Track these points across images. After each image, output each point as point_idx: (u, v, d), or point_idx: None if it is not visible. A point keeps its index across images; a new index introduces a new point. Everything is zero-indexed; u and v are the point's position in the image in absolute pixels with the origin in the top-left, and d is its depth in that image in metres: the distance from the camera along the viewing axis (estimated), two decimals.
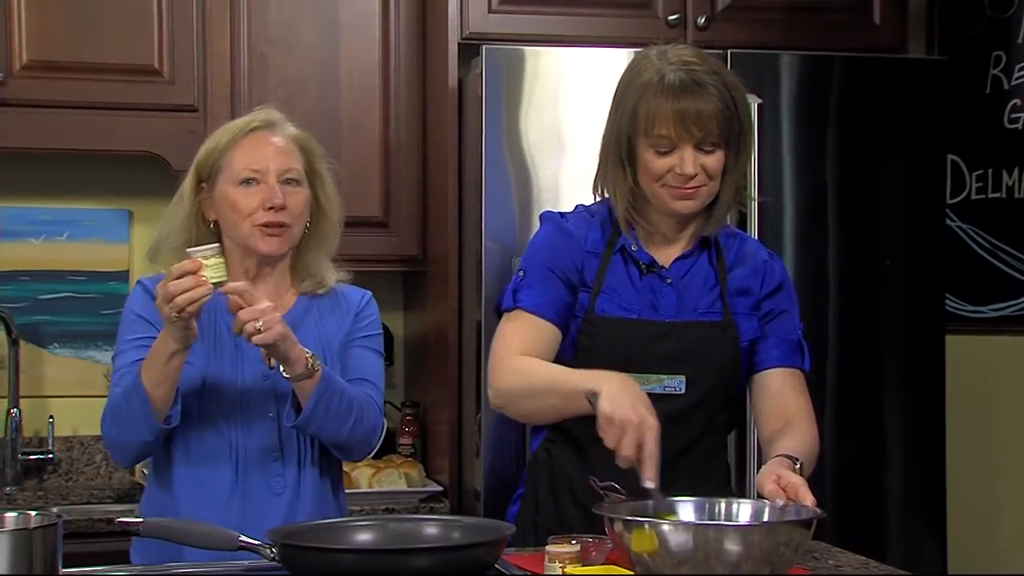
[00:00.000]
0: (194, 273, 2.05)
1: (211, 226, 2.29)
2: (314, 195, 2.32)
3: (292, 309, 2.31)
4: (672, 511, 1.92)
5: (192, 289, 2.04)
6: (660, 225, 2.26)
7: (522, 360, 2.19)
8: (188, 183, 2.30)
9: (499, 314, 2.28)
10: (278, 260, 2.31)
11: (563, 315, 2.23)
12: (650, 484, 1.95)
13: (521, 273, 2.26)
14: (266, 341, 2.08)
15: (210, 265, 2.07)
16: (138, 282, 2.33)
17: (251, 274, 2.29)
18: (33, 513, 1.70)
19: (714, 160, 2.18)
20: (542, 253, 2.27)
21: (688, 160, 2.16)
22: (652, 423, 1.98)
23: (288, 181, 2.26)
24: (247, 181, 2.24)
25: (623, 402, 2.00)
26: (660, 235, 2.27)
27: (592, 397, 2.02)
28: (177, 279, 2.04)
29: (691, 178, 2.17)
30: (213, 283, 2.06)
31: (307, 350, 2.16)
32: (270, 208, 2.23)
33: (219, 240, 2.24)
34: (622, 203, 2.23)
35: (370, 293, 2.42)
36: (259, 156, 2.25)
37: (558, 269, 2.24)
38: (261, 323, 2.07)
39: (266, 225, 2.23)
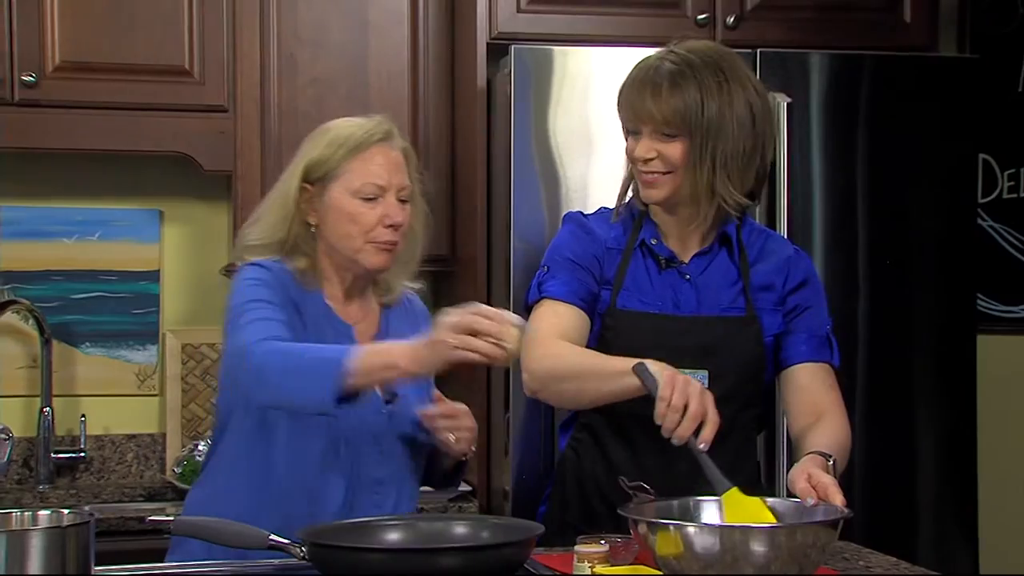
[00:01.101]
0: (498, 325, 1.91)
1: (310, 229, 2.25)
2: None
3: (381, 327, 2.30)
4: (729, 485, 1.91)
5: (491, 343, 1.91)
6: (665, 222, 2.27)
7: (556, 343, 2.19)
8: (293, 183, 2.24)
9: (528, 310, 2.28)
10: (364, 285, 2.29)
11: (588, 301, 2.24)
12: (703, 446, 1.94)
13: (545, 268, 2.28)
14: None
15: (515, 337, 1.91)
16: (254, 264, 2.22)
17: (346, 284, 2.26)
18: (66, 511, 1.71)
19: (672, 149, 2.18)
20: (565, 247, 2.29)
21: (641, 145, 2.20)
22: (708, 393, 1.98)
23: (402, 197, 2.23)
24: (368, 196, 2.21)
25: (676, 372, 2.00)
26: (678, 231, 2.28)
27: (642, 370, 2.00)
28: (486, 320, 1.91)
29: (646, 162, 2.19)
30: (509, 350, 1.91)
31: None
32: (388, 226, 2.20)
33: (313, 243, 2.23)
34: (623, 187, 2.30)
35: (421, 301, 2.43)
36: (381, 171, 2.21)
37: (581, 259, 2.26)
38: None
39: (382, 242, 2.21)
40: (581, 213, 2.35)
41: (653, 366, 2.02)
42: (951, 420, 3.18)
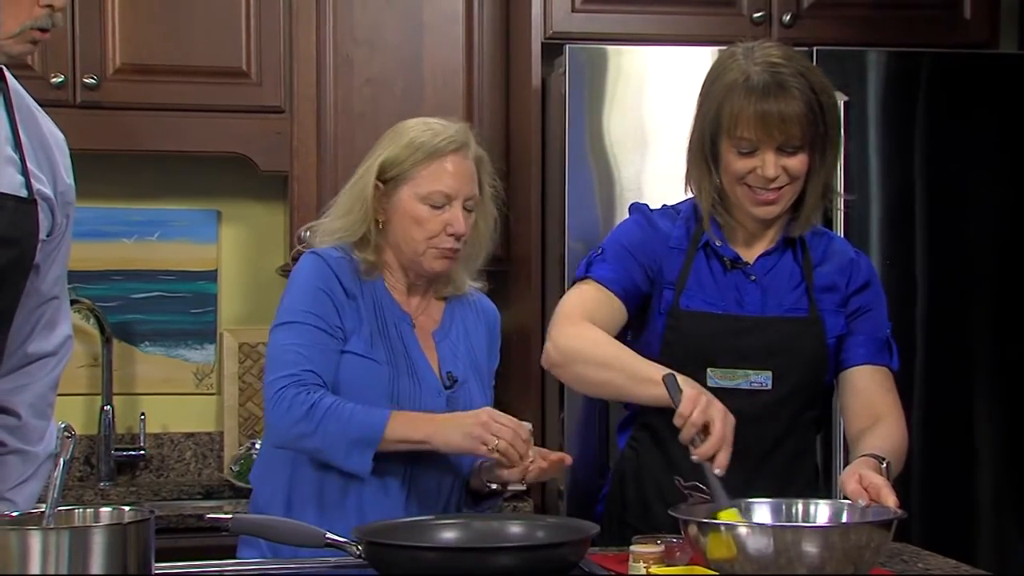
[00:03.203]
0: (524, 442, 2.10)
1: (379, 226, 2.28)
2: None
3: (443, 321, 2.34)
4: (730, 506, 1.90)
5: (517, 458, 2.09)
6: (745, 223, 2.25)
7: (589, 327, 2.19)
8: (368, 179, 2.28)
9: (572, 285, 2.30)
10: (428, 280, 2.32)
11: (631, 295, 2.24)
12: (719, 472, 1.94)
13: (600, 250, 2.28)
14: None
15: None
16: (315, 253, 2.27)
17: (409, 279, 2.31)
18: (127, 509, 1.73)
19: (796, 162, 2.16)
20: (626, 236, 2.28)
21: (769, 163, 2.15)
22: (731, 417, 1.99)
23: (468, 206, 2.26)
24: (436, 203, 2.24)
25: (704, 392, 2.01)
26: (745, 232, 2.26)
27: (670, 381, 2.01)
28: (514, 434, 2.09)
29: (772, 180, 2.16)
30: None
31: None
32: (452, 234, 2.23)
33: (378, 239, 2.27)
34: (707, 201, 2.23)
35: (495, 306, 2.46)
36: (451, 180, 2.24)
37: (638, 253, 2.25)
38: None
39: (444, 249, 2.24)
40: (647, 206, 2.34)
41: (682, 381, 2.02)
42: (1010, 422, 3.14)
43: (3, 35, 1.98)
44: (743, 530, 1.76)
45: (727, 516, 1.86)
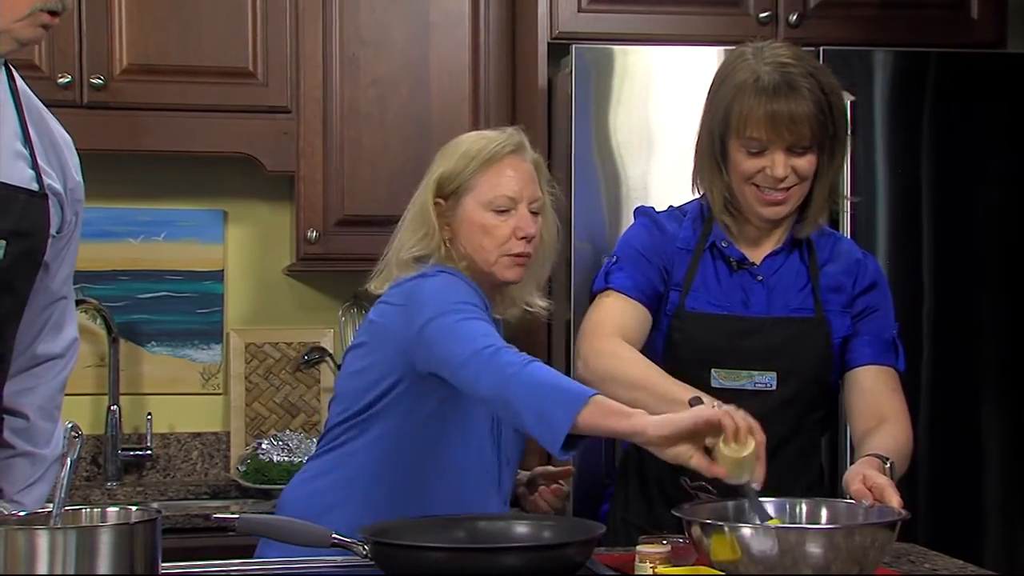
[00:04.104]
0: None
1: (445, 243, 2.22)
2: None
3: None
4: (771, 518, 1.90)
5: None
6: (752, 223, 2.25)
7: (620, 344, 2.17)
8: (427, 197, 2.23)
9: (591, 299, 2.28)
10: (510, 286, 2.27)
11: (652, 299, 2.23)
12: (756, 486, 1.91)
13: (614, 259, 2.27)
14: None
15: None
16: (441, 270, 2.16)
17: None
18: (134, 508, 1.73)
19: (805, 162, 2.16)
20: (636, 240, 2.28)
21: (779, 163, 2.14)
22: (761, 432, 1.94)
23: (533, 209, 2.22)
24: (501, 208, 2.20)
25: (732, 409, 1.97)
26: (752, 232, 2.26)
27: (696, 402, 1.99)
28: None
29: (781, 180, 2.16)
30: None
31: None
32: (522, 238, 2.19)
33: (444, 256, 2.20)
34: (717, 201, 2.23)
35: None
36: (513, 183, 2.20)
37: (652, 255, 2.25)
38: None
39: (516, 255, 2.20)
40: (653, 209, 2.34)
41: (709, 402, 1.99)
42: (1017, 422, 3.13)
43: (12, 18, 1.96)
44: (747, 531, 1.76)
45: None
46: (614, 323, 2.20)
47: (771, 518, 1.89)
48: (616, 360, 2.16)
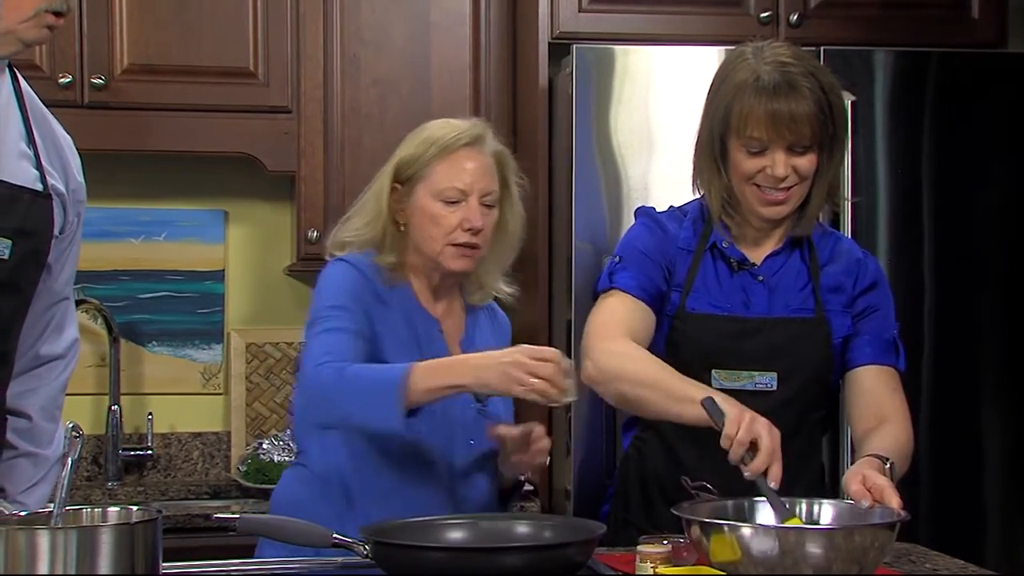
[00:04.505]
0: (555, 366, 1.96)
1: (400, 228, 2.26)
2: (500, 209, 2.29)
3: (467, 329, 2.32)
4: (792, 515, 1.90)
5: (549, 383, 1.96)
6: (752, 223, 2.25)
7: (628, 343, 2.17)
8: (384, 182, 2.27)
9: (595, 298, 2.28)
10: (451, 284, 2.30)
11: (656, 299, 2.23)
12: (774, 485, 1.92)
13: (617, 258, 2.27)
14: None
15: (571, 387, 1.97)
16: (343, 260, 2.25)
17: (433, 283, 2.28)
18: (134, 508, 1.73)
19: (806, 162, 2.16)
20: (639, 240, 2.27)
21: (779, 162, 2.14)
22: (776, 430, 1.97)
23: (486, 202, 2.24)
24: (450, 199, 2.22)
25: (745, 409, 1.98)
26: (752, 233, 2.26)
27: (710, 404, 1.99)
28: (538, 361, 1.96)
29: (781, 180, 2.16)
30: (565, 400, 1.98)
31: None
32: (468, 229, 2.21)
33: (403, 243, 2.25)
34: (716, 201, 2.23)
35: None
36: (465, 175, 2.22)
37: (655, 255, 2.24)
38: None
39: (461, 245, 2.22)
40: (653, 209, 2.34)
41: (722, 402, 2.00)
42: (1018, 422, 3.13)
43: (17, 19, 1.97)
44: (747, 531, 1.76)
45: (792, 524, 1.87)
46: (621, 322, 2.20)
47: (792, 515, 1.89)
48: (626, 359, 2.15)
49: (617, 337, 2.17)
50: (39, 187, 2.05)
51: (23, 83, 2.11)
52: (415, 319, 2.24)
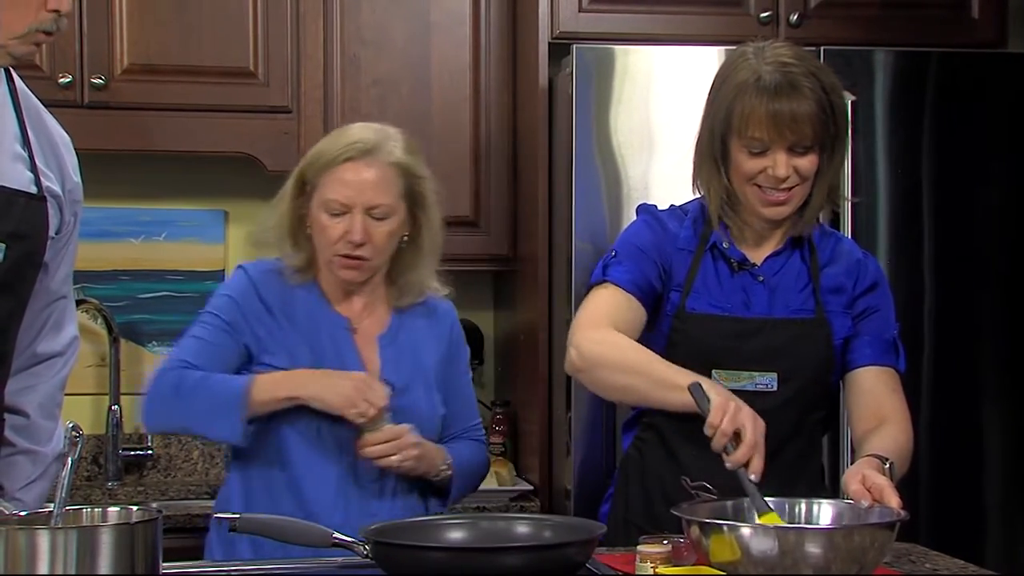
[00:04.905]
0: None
1: (308, 230, 2.31)
2: (412, 216, 2.31)
3: (391, 325, 2.34)
4: (769, 510, 1.90)
5: (369, 412, 2.16)
6: (753, 223, 2.25)
7: (612, 332, 2.18)
8: (289, 186, 2.32)
9: (587, 291, 2.28)
10: (364, 283, 2.32)
11: (648, 296, 2.23)
12: (754, 478, 1.94)
13: (613, 253, 2.27)
14: (411, 471, 2.23)
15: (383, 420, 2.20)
16: (241, 268, 2.35)
17: (341, 289, 2.32)
18: (134, 508, 1.73)
19: (807, 162, 2.16)
20: (637, 237, 2.28)
21: (781, 163, 2.14)
22: (761, 421, 1.98)
23: (374, 215, 2.25)
24: (334, 211, 2.25)
25: (731, 398, 2.00)
26: (752, 233, 2.26)
27: (696, 389, 2.00)
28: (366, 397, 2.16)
29: (783, 180, 2.15)
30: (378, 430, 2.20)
31: (442, 459, 2.28)
32: (350, 242, 2.24)
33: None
34: (715, 201, 2.23)
35: (452, 304, 2.44)
36: (347, 189, 2.24)
37: (652, 252, 2.24)
38: (414, 452, 2.21)
39: (345, 256, 2.25)
40: (655, 207, 2.34)
41: (709, 388, 2.01)
42: (1018, 422, 3.13)
43: (8, 36, 1.99)
44: (747, 531, 1.76)
45: (768, 520, 1.87)
46: (608, 314, 2.20)
47: (770, 511, 1.89)
48: (610, 347, 2.17)
49: (602, 327, 2.18)
50: (33, 189, 2.05)
51: (18, 83, 2.11)
52: (320, 318, 2.29)
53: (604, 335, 2.17)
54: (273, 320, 2.27)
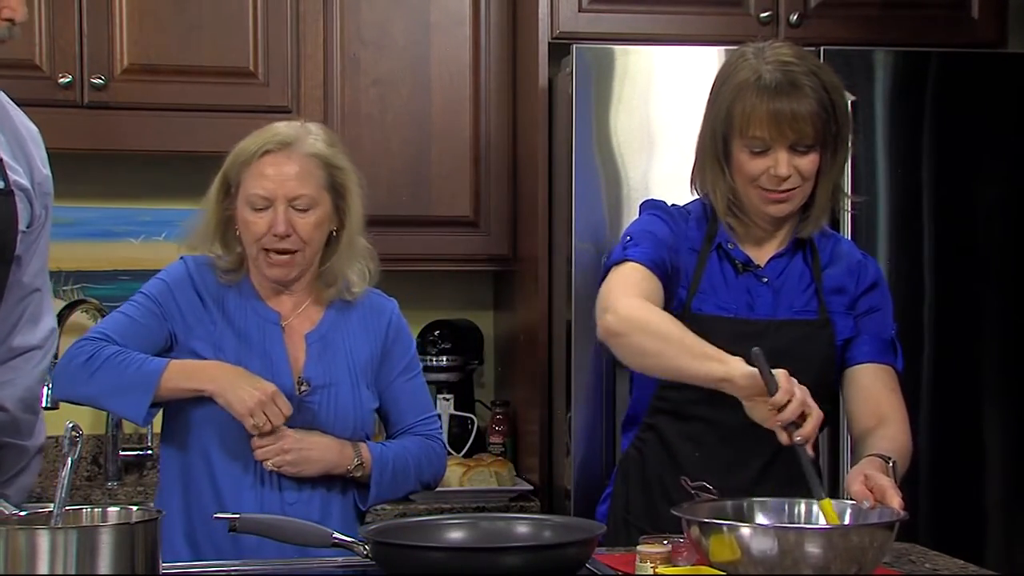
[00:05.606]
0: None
1: (236, 231, 2.31)
2: (336, 208, 2.31)
3: (320, 323, 2.34)
4: (824, 496, 1.89)
5: (265, 427, 2.18)
6: (757, 224, 2.25)
7: (645, 300, 2.13)
8: (215, 187, 2.33)
9: (605, 273, 2.23)
10: (294, 280, 2.32)
11: (664, 279, 2.20)
12: (800, 440, 1.91)
13: (629, 237, 2.24)
14: (297, 473, 2.23)
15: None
16: (182, 258, 2.36)
17: (271, 287, 2.32)
18: (134, 508, 1.74)
19: (808, 162, 2.16)
20: (651, 225, 2.25)
21: (782, 162, 2.14)
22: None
23: (297, 206, 2.26)
24: (257, 206, 2.25)
25: (786, 374, 1.95)
26: (757, 233, 2.26)
27: (759, 355, 1.93)
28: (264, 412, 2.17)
29: (784, 179, 2.15)
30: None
31: (355, 456, 2.27)
32: (275, 235, 2.24)
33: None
34: (721, 202, 2.23)
35: (396, 303, 2.43)
36: (267, 182, 2.25)
37: (666, 240, 2.22)
38: (288, 458, 2.21)
39: (271, 250, 2.25)
40: (664, 202, 2.32)
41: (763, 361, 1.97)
42: (1019, 422, 3.13)
43: None
44: (746, 531, 1.76)
45: (825, 507, 1.87)
46: (636, 285, 2.15)
47: (825, 497, 1.89)
48: (647, 311, 2.11)
49: (635, 296, 2.14)
50: (1, 184, 2.05)
51: None
52: (250, 312, 2.29)
53: (640, 302, 2.13)
54: (205, 310, 2.28)
